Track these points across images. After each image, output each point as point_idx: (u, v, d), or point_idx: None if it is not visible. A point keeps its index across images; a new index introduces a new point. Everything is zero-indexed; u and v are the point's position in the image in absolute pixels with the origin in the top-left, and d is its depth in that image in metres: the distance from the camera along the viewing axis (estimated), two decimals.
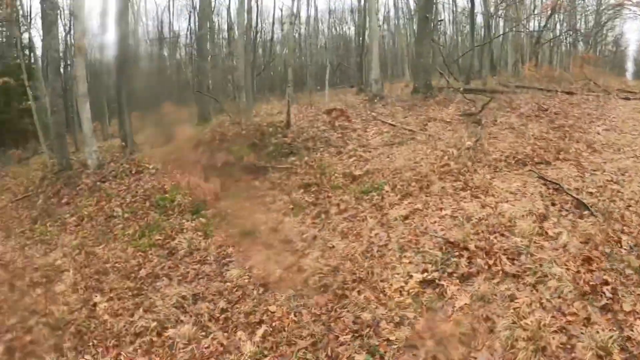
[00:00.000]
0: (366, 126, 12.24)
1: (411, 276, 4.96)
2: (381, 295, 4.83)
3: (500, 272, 4.77)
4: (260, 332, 4.71)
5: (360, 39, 26.32)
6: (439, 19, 24.02)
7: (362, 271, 5.33)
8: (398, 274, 5.07)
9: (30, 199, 12.88)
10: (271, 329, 4.74)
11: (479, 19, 25.31)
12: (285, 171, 9.77)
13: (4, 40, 26.30)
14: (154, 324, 5.26)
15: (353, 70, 30.27)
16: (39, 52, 22.98)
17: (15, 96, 21.34)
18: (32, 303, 6.43)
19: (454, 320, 4.26)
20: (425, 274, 4.96)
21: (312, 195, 8.37)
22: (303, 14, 32.21)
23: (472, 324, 4.17)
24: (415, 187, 7.54)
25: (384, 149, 10.26)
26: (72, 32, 19.20)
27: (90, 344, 5.18)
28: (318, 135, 11.56)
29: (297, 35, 28.01)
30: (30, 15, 23.93)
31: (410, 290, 4.74)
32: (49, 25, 14.59)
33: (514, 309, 4.23)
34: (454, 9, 29.82)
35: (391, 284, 4.91)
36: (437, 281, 4.82)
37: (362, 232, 6.40)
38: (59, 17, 18.16)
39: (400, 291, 4.78)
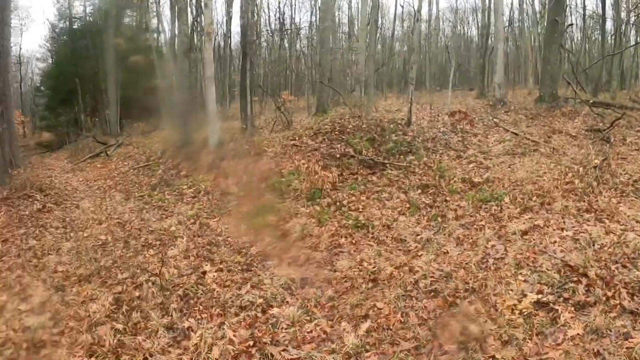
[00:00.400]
0: (487, 132, 11.94)
1: (525, 295, 4.70)
2: (492, 310, 4.62)
3: (618, 306, 4.38)
4: (365, 326, 4.67)
5: (483, 40, 25.41)
6: (568, 24, 22.58)
7: (475, 282, 5.15)
8: (512, 290, 4.83)
9: (150, 168, 13.87)
10: (376, 325, 4.69)
11: (609, 25, 23.50)
12: (403, 169, 9.68)
13: (135, 24, 28.63)
14: (260, 300, 5.38)
15: (473, 73, 29.39)
16: (162, 36, 24.91)
17: (143, 75, 23.20)
18: (144, 262, 6.85)
19: (563, 349, 3.97)
20: (540, 295, 4.67)
21: (430, 197, 8.25)
22: (424, 12, 31.80)
23: (582, 356, 3.88)
24: (536, 203, 7.20)
25: (505, 158, 9.95)
26: (198, 19, 20.33)
27: (196, 308, 5.38)
28: (438, 137, 11.39)
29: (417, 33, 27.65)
30: (158, 2, 25.78)
31: (523, 310, 4.49)
32: (179, 12, 15.72)
33: (627, 348, 3.88)
34: (583, 13, 27.87)
35: (504, 300, 4.68)
36: (551, 305, 4.52)
37: (479, 241, 6.20)
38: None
39: (512, 309, 4.53)
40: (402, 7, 34.07)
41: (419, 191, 8.57)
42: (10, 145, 16.07)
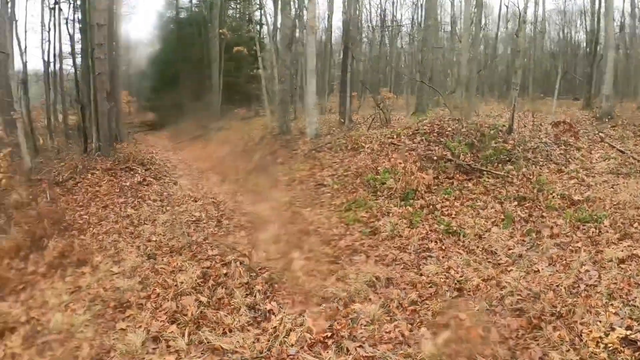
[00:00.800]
0: (592, 147, 11.30)
1: (613, 329, 4.44)
2: (577, 339, 4.43)
3: None
4: (444, 335, 4.65)
5: (592, 46, 23.76)
6: None
7: (563, 306, 4.92)
8: (600, 321, 4.57)
9: (247, 154, 14.34)
10: (455, 336, 4.65)
11: None
12: (501, 179, 9.38)
13: (239, 15, 29.82)
14: (344, 294, 5.48)
15: (579, 81, 27.67)
16: (265, 28, 25.67)
17: (245, 64, 24.37)
18: (234, 242, 7.24)
19: None
20: (629, 331, 4.38)
21: (526, 211, 7.94)
22: (529, 13, 30.33)
23: None
24: (638, 230, 6.73)
25: (608, 177, 9.36)
26: (301, 12, 20.77)
27: (280, 293, 5.61)
28: (540, 148, 10.89)
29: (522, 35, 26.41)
30: None
31: (609, 344, 4.24)
32: (282, 5, 16.24)
33: None
34: None
35: (590, 331, 4.45)
36: (639, 343, 4.24)
37: (572, 264, 5.91)
38: None
39: (598, 341, 4.30)
40: (507, 7, 32.63)
41: (515, 203, 8.26)
42: (116, 121, 17.30)
